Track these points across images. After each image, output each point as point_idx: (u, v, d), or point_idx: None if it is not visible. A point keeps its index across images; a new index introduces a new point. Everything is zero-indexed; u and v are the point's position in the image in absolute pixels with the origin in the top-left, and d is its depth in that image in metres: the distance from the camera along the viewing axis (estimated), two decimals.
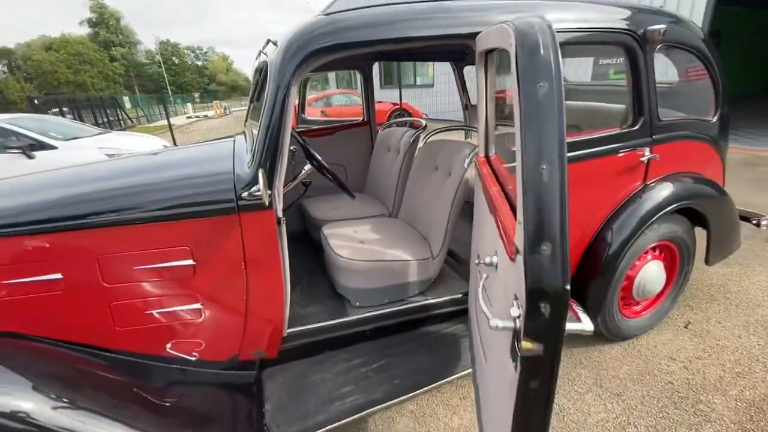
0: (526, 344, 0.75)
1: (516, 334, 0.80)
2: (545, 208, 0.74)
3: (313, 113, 9.94)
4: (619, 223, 1.84)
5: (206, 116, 24.09)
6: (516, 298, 0.81)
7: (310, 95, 10.88)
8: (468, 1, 1.51)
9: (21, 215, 1.38)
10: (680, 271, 2.18)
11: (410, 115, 10.72)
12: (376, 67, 3.86)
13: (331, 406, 1.53)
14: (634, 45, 1.66)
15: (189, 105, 29.93)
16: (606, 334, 2.09)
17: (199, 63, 68.18)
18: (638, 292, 2.06)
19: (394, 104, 10.72)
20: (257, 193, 1.35)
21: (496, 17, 1.45)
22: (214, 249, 1.43)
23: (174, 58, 61.73)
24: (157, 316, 1.50)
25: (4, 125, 5.26)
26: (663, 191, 1.88)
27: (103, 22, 54.52)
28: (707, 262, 2.22)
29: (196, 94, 39.83)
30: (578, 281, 1.92)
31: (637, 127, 1.76)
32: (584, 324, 1.74)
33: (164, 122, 12.01)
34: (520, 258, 0.77)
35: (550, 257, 0.73)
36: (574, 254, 1.89)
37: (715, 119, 2.04)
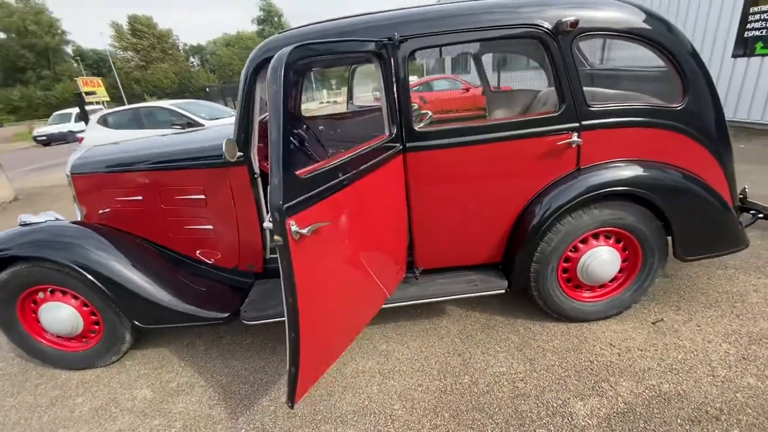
0: (276, 237, 1.24)
1: (271, 233, 1.28)
2: (275, 161, 1.24)
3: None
4: (544, 201, 1.97)
5: (335, 102, 26.80)
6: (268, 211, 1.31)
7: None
8: (380, 14, 1.87)
9: (123, 162, 2.35)
10: (644, 264, 2.13)
11: None
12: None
13: (280, 307, 2.16)
14: (546, 38, 1.77)
15: (324, 91, 33.42)
16: (545, 308, 2.21)
17: None
18: (582, 274, 2.12)
19: (494, 88, 10.46)
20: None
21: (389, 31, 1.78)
22: (215, 189, 2.17)
23: None
24: (189, 230, 2.34)
25: (173, 108, 7.29)
26: (595, 176, 1.92)
27: (269, 19, 64.04)
28: (675, 254, 2.09)
29: (333, 81, 44.02)
30: (507, 250, 2.12)
31: (559, 113, 1.85)
32: (500, 283, 2.03)
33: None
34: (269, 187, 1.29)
35: (276, 186, 1.20)
36: (502, 224, 2.09)
37: (681, 106, 1.91)
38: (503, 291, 2.12)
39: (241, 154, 2.00)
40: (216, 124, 7.40)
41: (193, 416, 1.91)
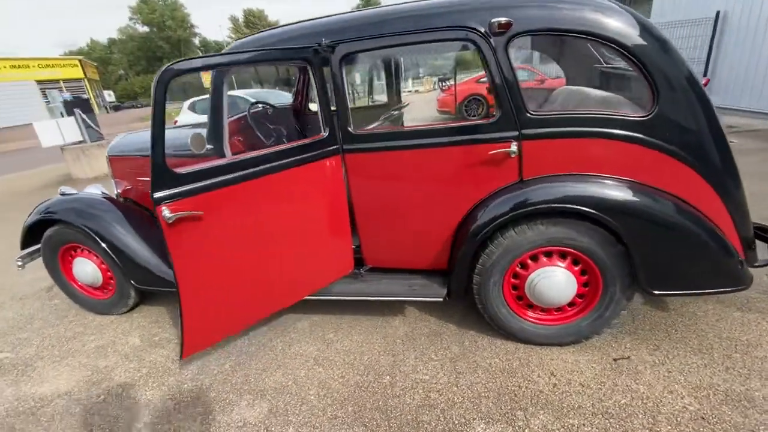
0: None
1: None
2: (152, 160, 1.49)
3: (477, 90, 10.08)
4: (481, 212, 1.86)
5: (417, 91, 26.71)
6: None
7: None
8: (315, 21, 1.91)
9: (140, 148, 2.79)
10: (604, 292, 1.89)
11: None
12: None
13: None
14: (479, 41, 1.63)
15: (409, 80, 33.50)
16: (491, 324, 2.11)
17: None
18: (530, 293, 1.97)
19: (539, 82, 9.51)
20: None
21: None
22: None
23: None
24: None
25: (245, 96, 8.08)
26: (536, 190, 1.75)
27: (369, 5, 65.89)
28: (639, 284, 1.81)
29: (421, 69, 43.83)
30: (450, 259, 2.06)
31: (495, 120, 1.72)
32: (439, 291, 2.03)
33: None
34: None
35: (151, 180, 1.39)
36: (444, 231, 2.04)
37: (649, 116, 1.61)
38: (440, 299, 2.07)
39: (211, 147, 2.25)
40: None
41: (158, 366, 2.26)
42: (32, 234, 2.69)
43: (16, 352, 2.52)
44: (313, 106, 3.12)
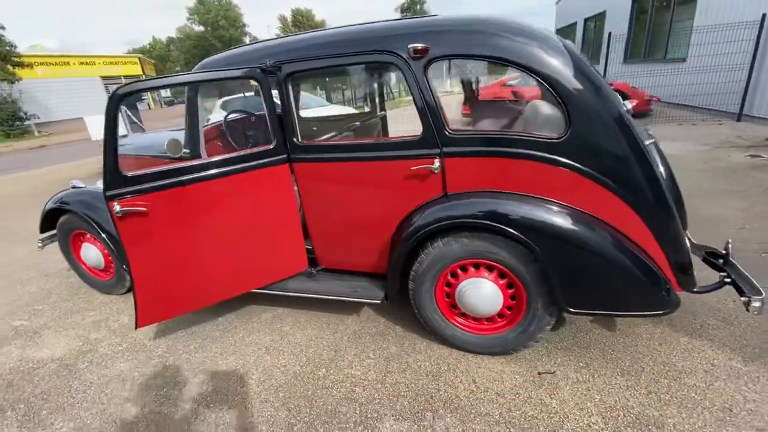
0: None
1: None
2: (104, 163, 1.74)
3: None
4: (410, 222, 1.98)
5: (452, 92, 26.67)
6: None
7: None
8: (271, 42, 2.09)
9: (136, 148, 3.13)
10: (527, 307, 1.94)
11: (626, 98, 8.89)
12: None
13: None
14: (402, 64, 1.74)
15: (447, 81, 33.27)
16: (427, 329, 2.22)
17: None
18: (460, 302, 2.05)
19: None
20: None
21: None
22: None
23: None
24: None
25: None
26: (456, 205, 1.84)
27: (412, 6, 65.70)
28: (557, 302, 1.85)
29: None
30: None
31: (420, 138, 1.82)
32: (378, 294, 2.18)
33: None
34: None
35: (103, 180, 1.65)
36: (381, 238, 2.17)
37: (563, 138, 1.64)
38: (378, 302, 2.20)
39: (188, 151, 2.51)
40: (314, 110, 8.41)
41: (136, 343, 2.57)
42: (50, 219, 3.12)
43: (31, 321, 2.95)
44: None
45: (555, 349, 2.16)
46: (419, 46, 1.69)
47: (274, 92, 2.06)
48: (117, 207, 1.83)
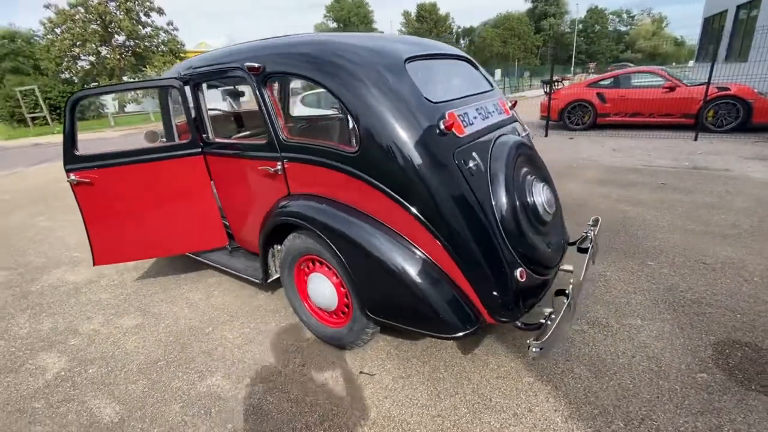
0: None
1: None
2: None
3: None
4: (267, 216, 2.27)
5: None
6: None
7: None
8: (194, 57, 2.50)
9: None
10: (353, 308, 2.05)
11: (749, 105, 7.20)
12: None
13: None
14: (248, 78, 2.01)
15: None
16: (293, 309, 2.49)
17: (623, 28, 63.18)
18: (309, 293, 2.28)
19: (720, 88, 7.41)
20: None
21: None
22: None
23: (596, 25, 60.39)
24: None
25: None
26: (288, 204, 2.05)
27: None
28: (361, 309, 1.92)
29: (592, 65, 38.57)
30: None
31: (266, 142, 2.09)
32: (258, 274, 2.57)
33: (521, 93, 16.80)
34: None
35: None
36: (256, 226, 2.45)
37: (356, 153, 1.71)
38: (258, 281, 2.53)
39: (164, 140, 3.18)
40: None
41: (114, 280, 3.40)
42: None
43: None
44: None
45: (401, 354, 2.21)
46: (255, 65, 2.00)
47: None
48: (72, 177, 2.53)
